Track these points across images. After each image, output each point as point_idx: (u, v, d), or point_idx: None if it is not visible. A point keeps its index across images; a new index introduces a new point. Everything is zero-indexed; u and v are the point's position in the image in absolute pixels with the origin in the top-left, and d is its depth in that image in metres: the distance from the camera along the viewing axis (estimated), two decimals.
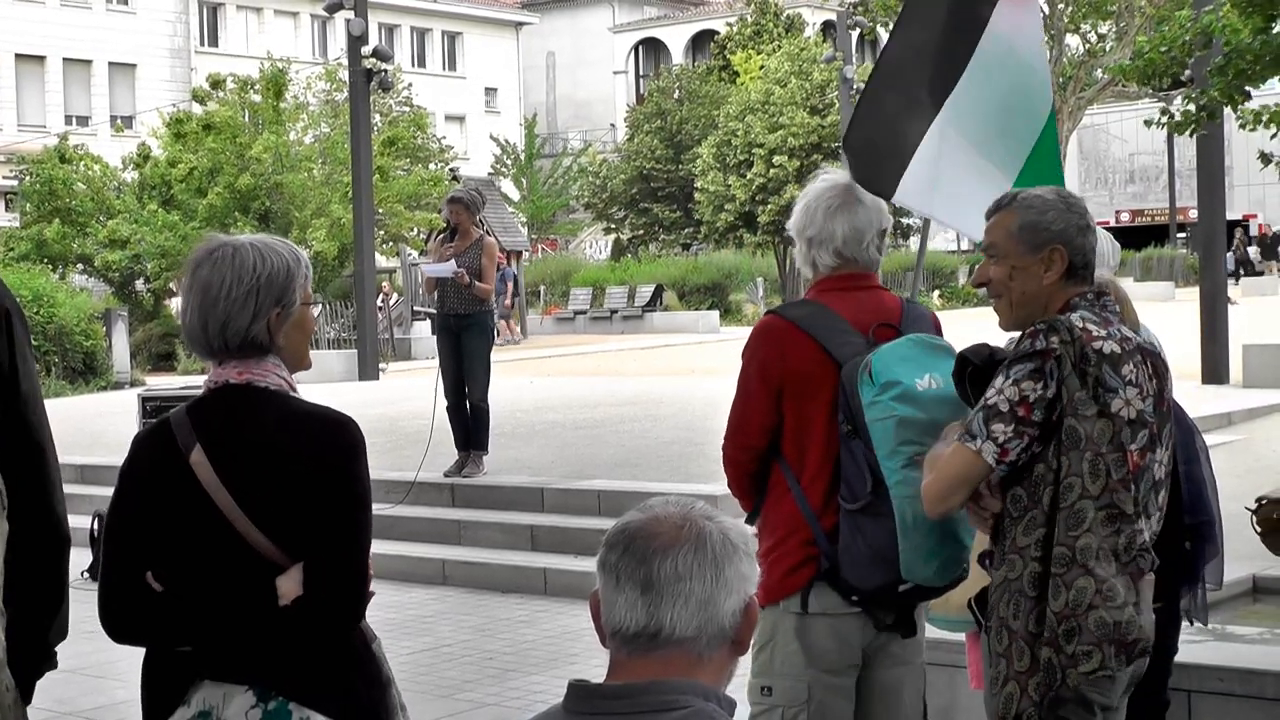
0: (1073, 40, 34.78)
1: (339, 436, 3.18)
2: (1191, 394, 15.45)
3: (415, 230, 37.21)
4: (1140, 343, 3.72)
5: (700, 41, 72.79)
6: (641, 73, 75.63)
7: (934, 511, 3.70)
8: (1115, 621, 3.46)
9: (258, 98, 36.75)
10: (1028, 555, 3.53)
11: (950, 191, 5.49)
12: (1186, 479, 4.52)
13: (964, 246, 52.80)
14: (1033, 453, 3.55)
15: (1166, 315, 20.05)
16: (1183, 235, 57.70)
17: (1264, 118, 14.59)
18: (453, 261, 11.78)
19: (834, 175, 4.46)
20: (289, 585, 3.09)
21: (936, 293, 44.22)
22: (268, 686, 3.12)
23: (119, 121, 51.78)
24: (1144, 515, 3.63)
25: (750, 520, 4.18)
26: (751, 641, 4.03)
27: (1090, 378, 3.53)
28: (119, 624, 3.18)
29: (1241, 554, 7.63)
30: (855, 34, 40.56)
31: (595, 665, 7.57)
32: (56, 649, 3.46)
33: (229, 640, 3.11)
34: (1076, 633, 3.46)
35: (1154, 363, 3.71)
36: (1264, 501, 4.95)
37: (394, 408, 16.55)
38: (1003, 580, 3.59)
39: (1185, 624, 4.78)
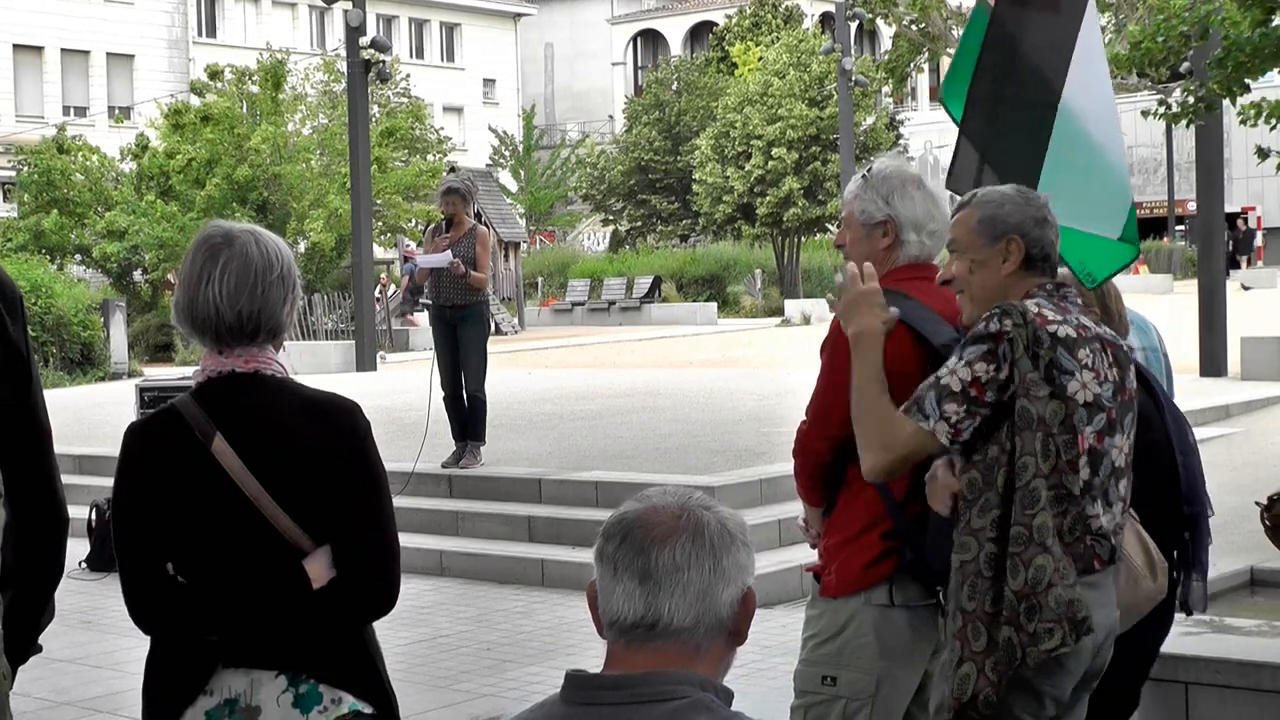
0: None
1: (352, 421, 3.20)
2: (1190, 386, 15.46)
3: (413, 221, 37.22)
4: (1100, 333, 3.75)
5: (699, 33, 72.76)
6: (640, 64, 75.60)
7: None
8: (1070, 600, 3.49)
9: (256, 89, 36.75)
10: (982, 537, 3.57)
11: (1086, 195, 5.45)
12: (1184, 470, 4.55)
13: None
14: (984, 433, 3.60)
15: (1165, 307, 20.08)
16: (1181, 228, 57.70)
17: (1264, 111, 14.60)
18: (448, 252, 11.78)
19: (899, 159, 4.36)
20: (319, 568, 3.11)
21: None
22: (298, 670, 3.13)
23: (117, 112, 51.75)
24: (1102, 501, 3.66)
25: (826, 513, 4.14)
26: (813, 631, 4.05)
27: (1043, 360, 3.58)
28: (150, 617, 3.16)
29: (1239, 546, 7.65)
30: (854, 26, 40.53)
31: (592, 656, 7.56)
32: (42, 635, 3.45)
33: (262, 626, 3.11)
34: (1037, 610, 3.48)
35: (1115, 353, 3.75)
36: (1275, 498, 4.95)
37: (391, 399, 16.54)
38: (959, 564, 3.62)
39: (1182, 616, 4.79)
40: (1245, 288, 39.44)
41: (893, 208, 4.14)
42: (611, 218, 61.11)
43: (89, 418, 17.12)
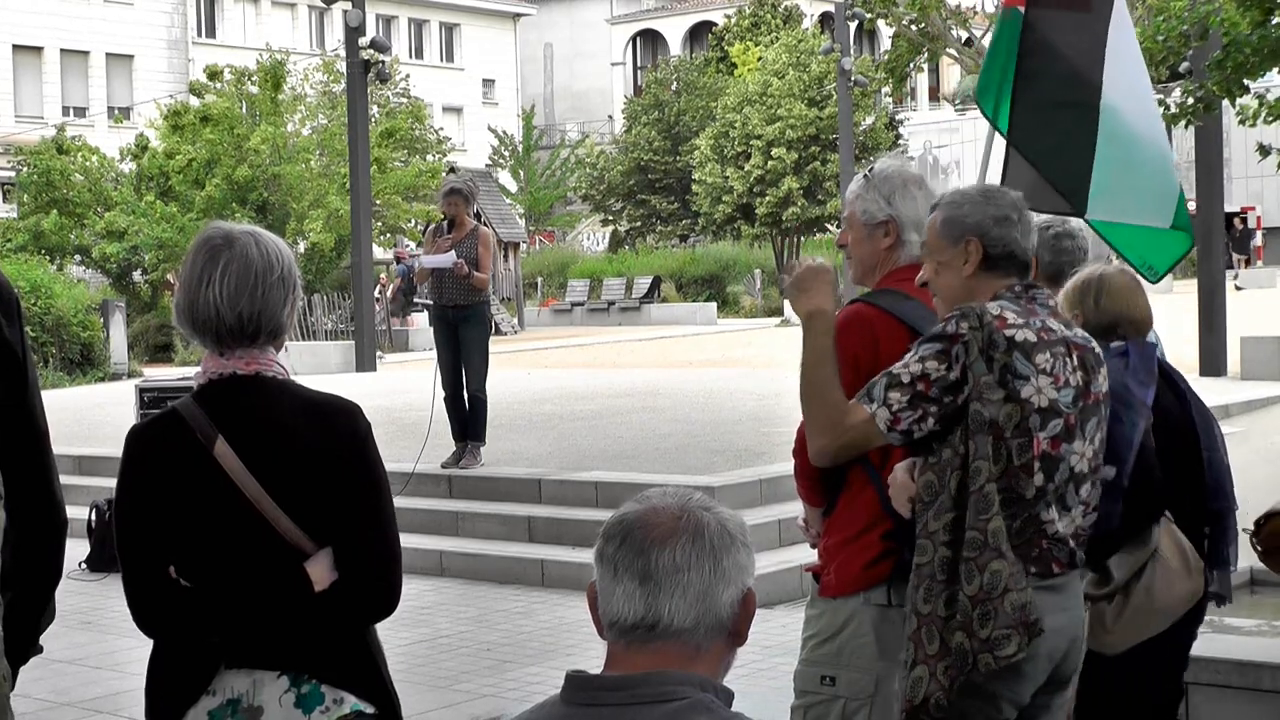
0: None
1: (353, 423, 3.20)
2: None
3: (413, 222, 37.23)
4: (1068, 336, 3.72)
5: (698, 33, 72.74)
6: (639, 64, 75.58)
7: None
8: (1023, 604, 3.49)
9: (255, 89, 36.75)
10: (937, 540, 3.57)
11: (1136, 188, 5.41)
12: (1209, 465, 4.59)
13: None
14: (929, 429, 3.60)
15: (1164, 307, 20.06)
16: None
17: (1263, 111, 14.61)
18: (452, 253, 11.80)
19: (901, 159, 4.37)
20: (320, 570, 3.12)
21: None
22: (299, 671, 3.14)
23: (116, 113, 51.74)
24: (1058, 506, 3.65)
25: (826, 514, 4.15)
26: (812, 631, 4.06)
27: (998, 364, 3.56)
28: (153, 619, 3.17)
29: (1239, 546, 7.64)
30: (854, 26, 40.52)
31: (593, 656, 7.55)
32: (41, 636, 3.46)
33: (265, 628, 3.12)
34: (992, 616, 3.47)
35: (1082, 357, 3.72)
36: (1264, 521, 4.97)
37: (391, 399, 16.54)
38: (916, 567, 3.63)
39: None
40: (1239, 288, 39.47)
41: (894, 208, 4.15)
42: (611, 218, 61.10)
43: (89, 418, 17.12)
